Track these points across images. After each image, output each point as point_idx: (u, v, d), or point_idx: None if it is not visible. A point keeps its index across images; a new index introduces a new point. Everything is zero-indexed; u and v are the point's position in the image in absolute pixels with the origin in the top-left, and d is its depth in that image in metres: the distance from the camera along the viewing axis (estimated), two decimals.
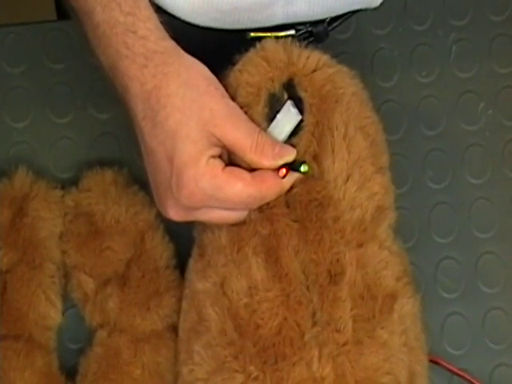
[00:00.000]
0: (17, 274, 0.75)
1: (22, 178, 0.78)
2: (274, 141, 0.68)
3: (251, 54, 0.71)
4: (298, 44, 0.72)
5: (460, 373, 0.77)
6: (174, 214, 0.67)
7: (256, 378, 0.66)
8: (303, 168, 0.67)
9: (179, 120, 0.65)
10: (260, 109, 0.70)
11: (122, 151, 0.82)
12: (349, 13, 0.80)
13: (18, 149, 0.82)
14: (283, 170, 0.67)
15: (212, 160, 0.65)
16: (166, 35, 0.68)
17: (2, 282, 0.75)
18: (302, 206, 0.69)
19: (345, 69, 0.72)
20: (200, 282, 0.71)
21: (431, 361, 0.75)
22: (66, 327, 0.78)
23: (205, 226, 0.72)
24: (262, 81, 0.70)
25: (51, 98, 0.84)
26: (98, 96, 0.83)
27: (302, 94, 0.70)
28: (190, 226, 0.74)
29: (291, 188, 0.69)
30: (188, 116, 0.65)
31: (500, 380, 0.79)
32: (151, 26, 0.68)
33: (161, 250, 0.77)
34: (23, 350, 0.74)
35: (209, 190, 0.65)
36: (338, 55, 0.73)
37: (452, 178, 0.83)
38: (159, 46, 0.67)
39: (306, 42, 0.73)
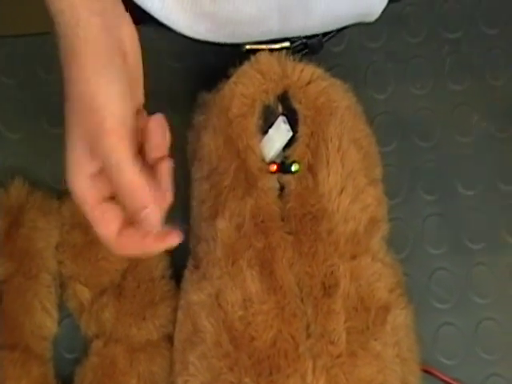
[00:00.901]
0: (13, 284, 0.75)
1: (18, 189, 0.78)
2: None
3: (246, 67, 0.72)
4: (292, 57, 0.72)
5: (453, 383, 0.76)
6: None
7: None
8: (294, 167, 0.68)
9: (74, 109, 0.60)
10: (254, 120, 0.71)
11: None
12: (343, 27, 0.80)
13: (13, 160, 0.82)
14: (274, 166, 0.67)
15: None
16: None
17: None
18: (296, 220, 0.69)
19: (339, 82, 0.74)
20: (195, 294, 0.71)
21: (424, 371, 0.75)
22: (62, 337, 0.78)
23: (200, 238, 0.72)
24: (256, 93, 0.71)
25: (46, 108, 0.83)
26: None
27: (297, 106, 0.71)
28: (186, 237, 0.73)
29: (286, 202, 0.69)
30: (83, 108, 0.60)
31: None
32: None
33: (156, 260, 0.77)
34: (19, 360, 0.73)
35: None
36: (332, 68, 0.73)
37: (444, 189, 0.83)
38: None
39: (300, 54, 0.73)
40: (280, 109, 0.70)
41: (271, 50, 0.74)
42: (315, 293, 0.68)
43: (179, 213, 0.76)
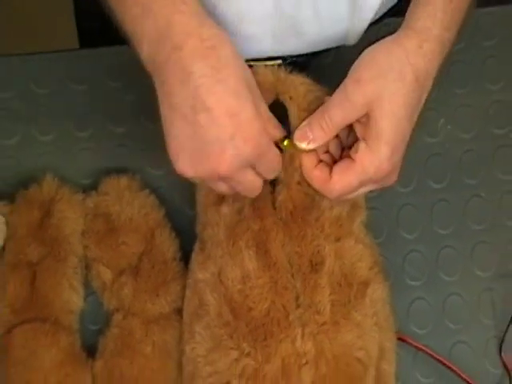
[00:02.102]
0: (45, 265, 0.76)
1: (49, 184, 0.78)
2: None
3: None
4: (284, 70, 0.71)
5: (424, 348, 0.78)
6: (228, 166, 0.61)
7: (248, 354, 0.67)
8: (286, 142, 0.68)
9: (240, 79, 0.60)
10: None
11: (135, 160, 0.82)
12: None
13: (45, 159, 0.82)
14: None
15: None
16: None
17: (32, 272, 0.75)
18: (287, 212, 0.70)
19: (326, 89, 0.71)
20: (201, 273, 0.72)
21: (399, 338, 0.76)
22: (87, 311, 0.78)
23: (206, 224, 0.72)
24: None
25: (74, 115, 0.84)
26: (114, 113, 0.84)
27: (285, 99, 0.70)
28: (193, 224, 0.75)
29: (278, 194, 0.69)
30: (242, 77, 0.61)
31: (458, 355, 0.79)
32: None
33: (168, 244, 0.77)
34: (50, 331, 0.74)
35: (265, 143, 0.63)
36: (320, 78, 0.72)
37: (416, 182, 0.84)
38: (206, 12, 0.62)
39: (291, 68, 0.73)
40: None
41: (266, 66, 0.75)
42: (304, 269, 0.69)
43: (186, 203, 0.79)
